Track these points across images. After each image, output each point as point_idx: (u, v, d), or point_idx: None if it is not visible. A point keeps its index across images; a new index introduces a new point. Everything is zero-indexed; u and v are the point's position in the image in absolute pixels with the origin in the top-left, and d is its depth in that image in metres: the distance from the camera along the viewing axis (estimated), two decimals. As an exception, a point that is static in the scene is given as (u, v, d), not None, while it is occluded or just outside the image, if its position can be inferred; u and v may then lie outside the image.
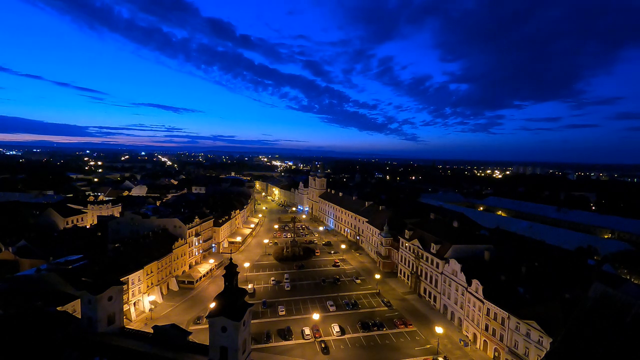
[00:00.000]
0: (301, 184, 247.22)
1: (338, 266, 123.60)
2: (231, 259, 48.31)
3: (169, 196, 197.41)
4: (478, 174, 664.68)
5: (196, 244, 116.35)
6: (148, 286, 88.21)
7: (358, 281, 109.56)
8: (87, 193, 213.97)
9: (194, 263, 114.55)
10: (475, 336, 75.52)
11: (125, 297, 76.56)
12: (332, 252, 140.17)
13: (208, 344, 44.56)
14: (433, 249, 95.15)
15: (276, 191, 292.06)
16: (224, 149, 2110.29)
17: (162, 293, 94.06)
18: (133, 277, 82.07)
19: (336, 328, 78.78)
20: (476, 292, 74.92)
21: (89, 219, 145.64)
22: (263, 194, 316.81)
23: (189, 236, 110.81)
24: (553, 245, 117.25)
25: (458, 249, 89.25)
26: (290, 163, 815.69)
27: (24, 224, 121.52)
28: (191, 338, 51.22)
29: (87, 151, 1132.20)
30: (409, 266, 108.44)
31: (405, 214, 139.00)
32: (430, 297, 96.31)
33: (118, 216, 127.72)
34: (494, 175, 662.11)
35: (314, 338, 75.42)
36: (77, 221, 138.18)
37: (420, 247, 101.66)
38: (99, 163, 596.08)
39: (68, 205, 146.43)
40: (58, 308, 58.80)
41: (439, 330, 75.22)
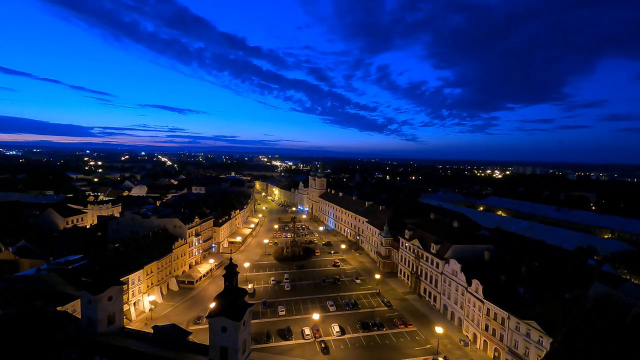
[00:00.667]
0: (301, 184, 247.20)
1: (338, 266, 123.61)
2: (231, 259, 48.30)
3: (169, 196, 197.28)
4: (478, 174, 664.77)
5: (196, 244, 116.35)
6: (148, 286, 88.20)
7: (358, 281, 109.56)
8: (87, 193, 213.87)
9: (194, 263, 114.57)
10: (475, 336, 75.52)
11: (125, 297, 76.54)
12: (332, 252, 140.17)
13: (208, 344, 44.57)
14: (433, 249, 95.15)
15: (276, 191, 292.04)
16: (225, 149, 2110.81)
17: (162, 293, 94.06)
18: (133, 277, 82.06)
19: (336, 328, 78.78)
20: (476, 292, 74.92)
21: (89, 219, 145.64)
22: (263, 194, 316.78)
23: (189, 236, 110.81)
24: (553, 245, 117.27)
25: (458, 249, 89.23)
26: (290, 163, 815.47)
27: (24, 224, 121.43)
28: (191, 338, 51.23)
29: (87, 151, 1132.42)
30: (409, 266, 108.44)
31: (405, 214, 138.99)
32: (430, 297, 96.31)
33: (118, 216, 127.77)
34: (494, 175, 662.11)
35: (314, 338, 75.41)
36: (77, 221, 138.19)
37: (420, 247, 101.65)
38: (99, 163, 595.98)
39: (68, 205, 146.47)
40: (58, 308, 58.78)
41: (439, 330, 75.18)
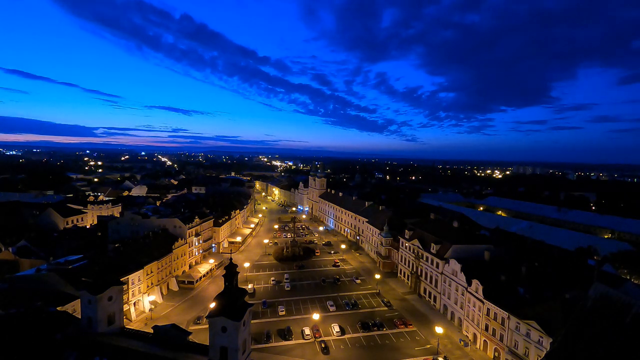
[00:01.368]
0: (301, 184, 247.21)
1: (338, 266, 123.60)
2: (231, 259, 48.27)
3: (169, 196, 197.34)
4: (478, 174, 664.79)
5: (196, 244, 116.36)
6: (148, 286, 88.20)
7: (358, 281, 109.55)
8: (87, 193, 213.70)
9: (194, 263, 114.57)
10: (475, 336, 75.51)
11: (125, 297, 76.53)
12: (332, 252, 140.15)
13: (208, 344, 44.55)
14: (433, 249, 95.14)
15: (276, 191, 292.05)
16: (226, 149, 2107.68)
17: (162, 293, 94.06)
18: (133, 277, 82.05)
19: (336, 328, 78.76)
20: (476, 292, 74.90)
21: (89, 219, 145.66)
22: (263, 194, 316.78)
23: (189, 236, 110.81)
24: (553, 245, 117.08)
25: (458, 249, 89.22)
26: (290, 163, 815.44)
27: (24, 224, 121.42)
28: (191, 338, 51.19)
29: (88, 151, 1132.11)
30: (409, 266, 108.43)
31: (405, 214, 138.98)
32: (430, 297, 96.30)
33: (118, 216, 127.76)
34: (494, 175, 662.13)
35: (314, 338, 75.40)
36: (77, 221, 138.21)
37: (420, 247, 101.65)
38: (99, 163, 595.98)
39: (68, 205, 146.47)
40: (58, 308, 58.75)
41: (439, 330, 75.16)
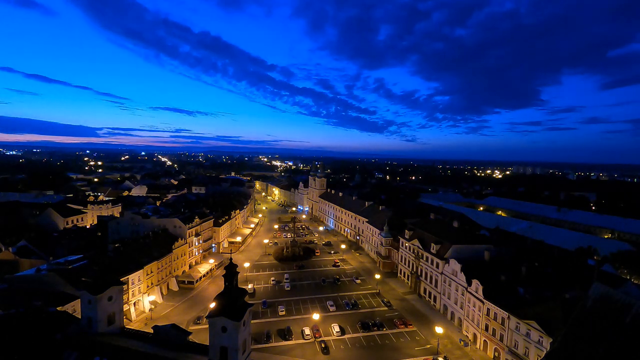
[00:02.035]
0: (301, 184, 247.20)
1: (338, 266, 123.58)
2: (231, 259, 48.25)
3: (169, 196, 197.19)
4: (478, 174, 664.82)
5: (196, 244, 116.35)
6: (148, 286, 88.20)
7: (358, 281, 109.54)
8: (87, 193, 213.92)
9: (194, 263, 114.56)
10: (475, 336, 75.51)
11: (125, 297, 76.51)
12: (332, 252, 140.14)
13: (208, 344, 44.54)
14: (433, 249, 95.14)
15: (276, 191, 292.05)
16: (227, 149, 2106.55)
17: (162, 293, 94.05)
18: (133, 277, 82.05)
19: (336, 328, 78.76)
20: (476, 292, 74.90)
21: (89, 219, 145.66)
22: (263, 194, 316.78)
23: (189, 236, 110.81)
24: (553, 245, 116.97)
25: (458, 249, 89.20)
26: (290, 163, 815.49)
27: (24, 224, 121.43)
28: (191, 338, 51.21)
29: (88, 151, 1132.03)
30: (409, 266, 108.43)
31: (405, 214, 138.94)
32: (430, 297, 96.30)
33: (118, 216, 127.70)
34: (494, 175, 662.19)
35: (314, 338, 75.40)
36: (77, 221, 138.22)
37: (420, 247, 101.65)
38: (99, 163, 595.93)
39: (68, 205, 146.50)
40: (58, 308, 58.77)
41: (439, 330, 75.17)
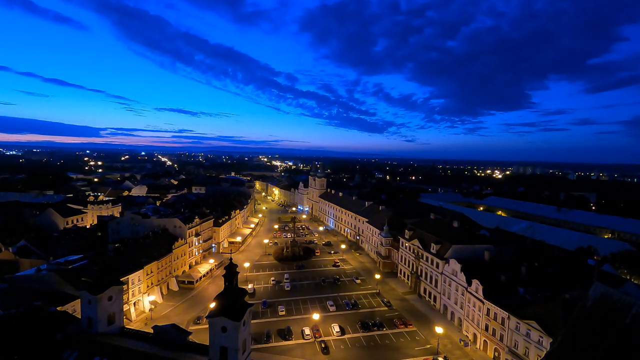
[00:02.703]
0: (301, 184, 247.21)
1: (338, 266, 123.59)
2: (231, 259, 48.22)
3: (169, 196, 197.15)
4: (478, 174, 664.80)
5: (196, 244, 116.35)
6: (148, 286, 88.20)
7: (358, 281, 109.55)
8: (87, 193, 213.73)
9: (194, 263, 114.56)
10: (475, 336, 75.52)
11: (125, 297, 76.47)
12: (332, 252, 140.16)
13: (208, 344, 44.53)
14: (433, 249, 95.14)
15: (276, 191, 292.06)
16: (227, 149, 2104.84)
17: (162, 293, 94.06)
18: (133, 277, 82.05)
19: (336, 328, 78.78)
20: (476, 292, 74.91)
21: (89, 219, 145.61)
22: (263, 194, 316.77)
23: (189, 236, 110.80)
24: (553, 245, 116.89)
25: (458, 249, 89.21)
26: (290, 163, 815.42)
27: (24, 224, 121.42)
28: (191, 338, 51.17)
29: (88, 151, 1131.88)
30: (409, 266, 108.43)
31: (405, 214, 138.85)
32: (430, 297, 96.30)
33: (118, 216, 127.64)
34: (494, 175, 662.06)
35: (314, 338, 75.40)
36: (77, 221, 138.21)
37: (420, 247, 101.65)
38: (99, 163, 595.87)
39: (68, 205, 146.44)
40: (58, 308, 58.72)
41: (439, 330, 75.17)
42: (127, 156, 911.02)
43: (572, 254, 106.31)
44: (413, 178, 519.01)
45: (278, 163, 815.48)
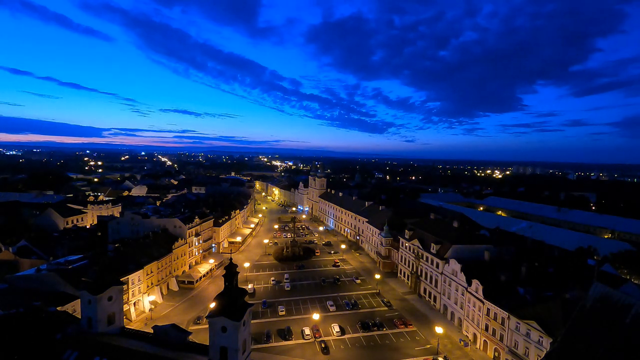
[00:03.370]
0: (301, 184, 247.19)
1: (338, 266, 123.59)
2: (231, 259, 48.21)
3: (169, 196, 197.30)
4: (477, 174, 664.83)
5: (196, 244, 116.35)
6: (148, 286, 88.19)
7: (358, 281, 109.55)
8: (87, 193, 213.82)
9: (194, 263, 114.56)
10: (475, 336, 75.53)
11: (125, 297, 76.48)
12: (332, 252, 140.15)
13: (208, 344, 44.53)
14: (433, 249, 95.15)
15: (276, 191, 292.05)
16: (227, 149, 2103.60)
17: (162, 293, 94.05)
18: (133, 277, 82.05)
19: (336, 328, 78.78)
20: (476, 292, 74.91)
21: (89, 219, 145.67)
22: (263, 194, 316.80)
23: (189, 236, 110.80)
24: (553, 245, 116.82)
25: (458, 249, 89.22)
26: (290, 163, 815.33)
27: (24, 224, 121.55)
28: (191, 338, 51.16)
29: (88, 151, 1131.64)
30: (409, 266, 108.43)
31: (405, 214, 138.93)
32: (430, 297, 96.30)
33: (118, 216, 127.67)
34: (494, 175, 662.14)
35: (314, 338, 75.41)
36: (77, 221, 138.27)
37: (420, 247, 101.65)
38: (99, 163, 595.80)
39: (68, 205, 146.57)
40: (58, 308, 58.76)
41: (439, 330, 75.21)
42: (127, 156, 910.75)
43: (572, 254, 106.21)
44: (413, 178, 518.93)
45: (278, 163, 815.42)
